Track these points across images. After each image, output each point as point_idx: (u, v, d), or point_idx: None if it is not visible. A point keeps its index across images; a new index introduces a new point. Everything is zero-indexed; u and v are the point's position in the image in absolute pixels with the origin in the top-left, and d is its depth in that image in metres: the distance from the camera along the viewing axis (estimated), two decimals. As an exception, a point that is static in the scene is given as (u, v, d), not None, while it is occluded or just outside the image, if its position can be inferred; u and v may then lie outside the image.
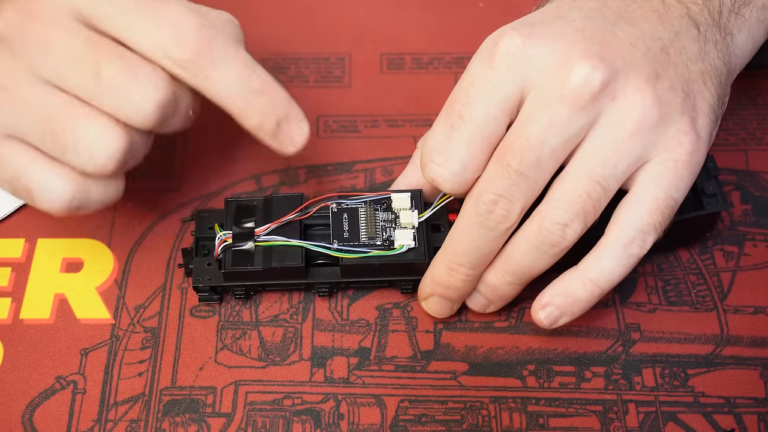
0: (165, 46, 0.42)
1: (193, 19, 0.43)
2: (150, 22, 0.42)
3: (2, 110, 0.43)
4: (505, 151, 0.43)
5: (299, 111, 0.46)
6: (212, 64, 0.43)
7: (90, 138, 0.42)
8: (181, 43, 0.42)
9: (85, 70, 0.42)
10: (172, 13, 0.43)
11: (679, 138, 0.43)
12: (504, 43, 0.43)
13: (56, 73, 0.43)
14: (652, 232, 0.44)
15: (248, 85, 0.44)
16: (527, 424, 0.47)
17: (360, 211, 0.49)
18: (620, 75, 0.43)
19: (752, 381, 0.48)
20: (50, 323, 0.50)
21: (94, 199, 0.45)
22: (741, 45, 0.47)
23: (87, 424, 0.47)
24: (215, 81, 0.43)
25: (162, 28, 0.42)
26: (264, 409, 0.47)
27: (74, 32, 0.42)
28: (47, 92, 0.43)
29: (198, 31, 0.43)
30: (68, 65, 0.42)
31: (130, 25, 0.43)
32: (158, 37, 0.42)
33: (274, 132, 0.46)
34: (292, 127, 0.46)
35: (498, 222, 0.44)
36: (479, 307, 0.48)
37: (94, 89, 0.42)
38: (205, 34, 0.43)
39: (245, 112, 0.44)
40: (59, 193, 0.44)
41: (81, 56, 0.42)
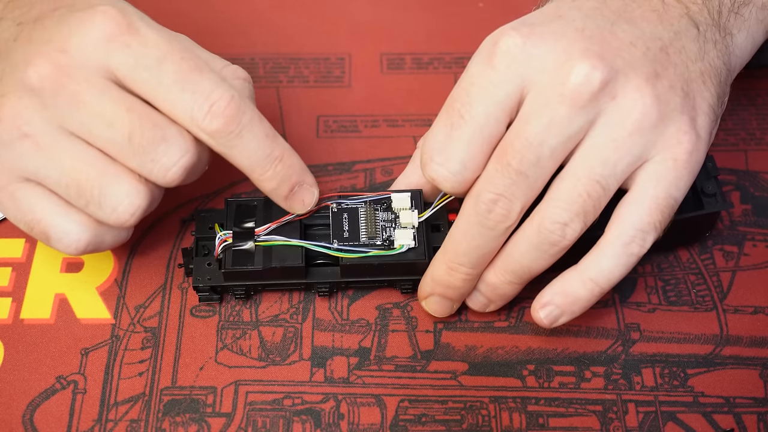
0: (196, 116, 0.44)
1: (226, 93, 0.44)
2: (184, 92, 0.44)
3: (27, 156, 0.44)
4: (505, 151, 0.43)
5: (312, 177, 0.48)
6: (239, 135, 0.44)
7: (116, 195, 0.44)
8: (212, 116, 0.44)
9: (117, 130, 0.43)
10: (207, 85, 0.44)
11: (678, 137, 0.43)
12: (504, 42, 0.43)
13: (86, 128, 0.44)
14: (652, 232, 0.44)
15: (269, 153, 0.45)
16: (527, 424, 0.47)
17: (360, 210, 0.50)
18: (620, 74, 0.43)
19: (752, 381, 0.48)
20: (50, 323, 0.50)
21: (107, 243, 0.47)
22: (740, 45, 0.48)
23: (87, 423, 0.47)
24: (240, 150, 0.45)
25: (195, 99, 0.43)
26: (264, 409, 0.47)
27: (106, 91, 0.43)
28: (76, 145, 0.44)
29: (229, 104, 0.44)
30: (99, 123, 0.43)
31: (165, 92, 0.44)
32: (191, 106, 0.44)
33: (287, 196, 0.47)
34: (304, 192, 0.48)
35: (498, 221, 0.44)
36: (479, 306, 0.48)
37: (124, 149, 0.44)
38: (234, 107, 0.44)
39: (263, 178, 0.46)
40: (76, 240, 0.45)
41: (113, 116, 0.43)
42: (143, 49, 0.44)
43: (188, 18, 0.62)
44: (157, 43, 0.44)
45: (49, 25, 0.44)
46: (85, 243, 0.45)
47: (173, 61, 0.44)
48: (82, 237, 0.45)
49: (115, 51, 0.43)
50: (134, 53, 0.43)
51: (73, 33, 0.44)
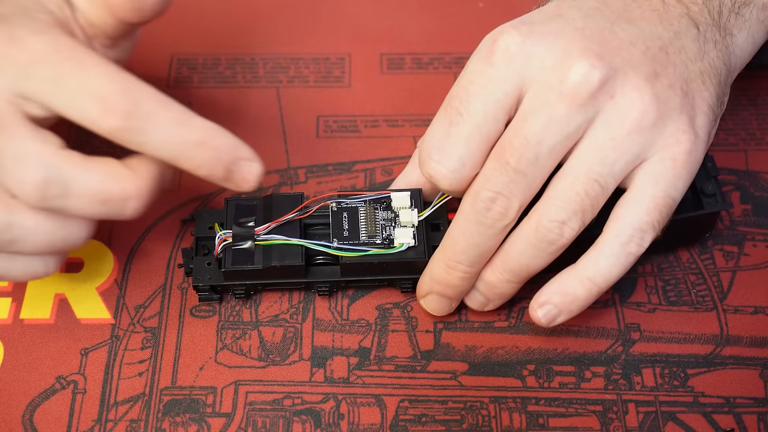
0: (92, 117, 0.41)
1: (115, 84, 0.41)
2: (73, 93, 0.41)
3: None
4: (503, 149, 0.43)
5: (247, 151, 0.44)
6: (143, 128, 0.41)
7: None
8: (106, 113, 0.41)
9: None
10: (95, 81, 0.41)
11: (677, 137, 0.43)
12: (503, 40, 0.44)
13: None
14: (651, 231, 0.44)
15: (186, 140, 0.42)
16: (527, 424, 0.47)
17: (360, 210, 0.50)
18: (619, 73, 0.43)
19: (752, 381, 0.48)
20: (50, 323, 0.50)
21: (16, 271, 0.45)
22: (741, 45, 0.48)
23: (87, 424, 0.47)
24: (152, 145, 0.42)
25: (86, 100, 0.41)
26: (264, 409, 0.47)
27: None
28: None
29: (122, 97, 0.41)
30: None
31: (58, 99, 0.41)
32: (85, 109, 0.41)
33: (225, 177, 0.44)
34: (242, 167, 0.44)
35: (496, 219, 0.44)
36: (478, 305, 0.48)
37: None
38: (129, 99, 0.41)
39: (192, 165, 0.43)
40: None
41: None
42: (26, 58, 0.41)
43: (188, 18, 0.62)
44: (41, 49, 0.42)
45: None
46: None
47: (55, 62, 0.41)
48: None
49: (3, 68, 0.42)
50: (18, 64, 0.41)
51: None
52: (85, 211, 0.42)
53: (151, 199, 0.43)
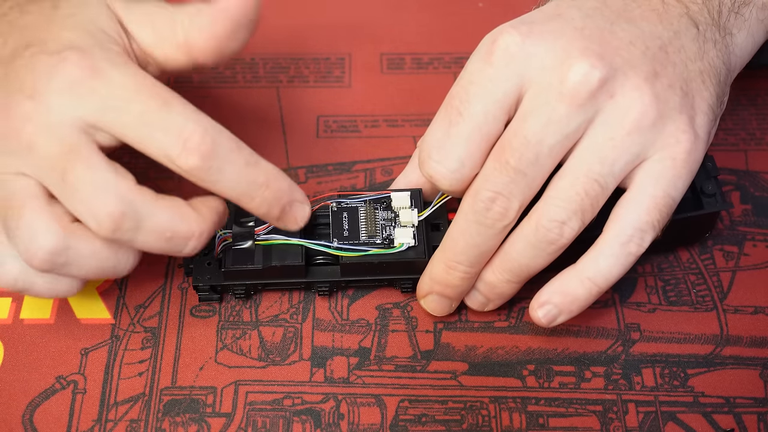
0: (170, 154, 0.42)
1: (198, 127, 0.42)
2: (155, 130, 0.42)
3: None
4: (503, 149, 0.43)
5: (302, 194, 0.47)
6: (218, 170, 0.43)
7: (27, 228, 0.42)
8: (187, 153, 0.42)
9: (56, 170, 0.42)
10: (178, 120, 0.42)
11: (677, 136, 0.43)
12: (503, 40, 0.44)
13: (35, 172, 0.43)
14: (651, 231, 0.44)
15: (253, 181, 0.44)
16: (527, 424, 0.47)
17: (360, 209, 0.50)
18: (619, 73, 0.43)
19: (752, 381, 0.48)
20: (50, 323, 0.50)
21: (39, 288, 0.45)
22: (740, 44, 0.48)
23: (87, 424, 0.47)
24: (222, 184, 0.44)
25: (168, 136, 0.42)
26: (264, 409, 0.47)
27: (60, 137, 0.42)
28: (19, 179, 0.43)
29: (203, 138, 0.42)
30: (44, 166, 0.42)
31: (135, 133, 0.43)
32: (164, 145, 0.42)
33: (279, 217, 0.46)
34: (295, 209, 0.47)
35: (496, 219, 0.44)
36: (478, 305, 0.48)
37: (59, 190, 0.43)
38: (209, 140, 0.42)
39: (252, 205, 0.45)
40: (6, 272, 0.44)
41: (56, 159, 0.42)
42: (108, 90, 0.43)
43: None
44: (123, 83, 0.43)
45: (21, 70, 0.44)
46: (12, 279, 0.44)
47: (140, 99, 0.43)
48: (10, 271, 0.44)
49: (80, 97, 0.42)
50: (99, 96, 0.42)
51: (40, 81, 0.43)
52: (149, 246, 0.44)
53: (208, 240, 0.45)
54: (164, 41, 0.47)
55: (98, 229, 0.42)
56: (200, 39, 0.46)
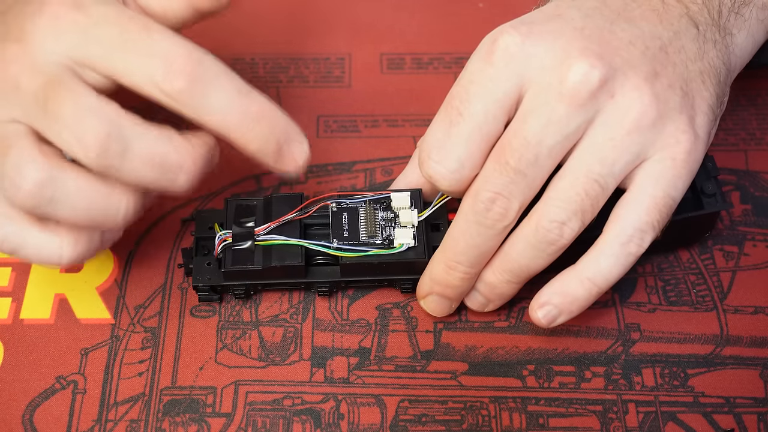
0: (155, 78, 0.41)
1: (182, 48, 0.42)
2: (139, 55, 0.42)
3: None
4: (503, 149, 0.43)
5: (298, 131, 0.45)
6: (205, 93, 0.42)
7: (13, 164, 0.42)
8: (171, 74, 0.41)
9: (38, 103, 0.42)
10: (161, 44, 0.42)
11: (677, 136, 0.43)
12: (503, 40, 0.44)
13: (21, 112, 0.42)
14: (651, 231, 0.44)
15: (245, 111, 0.42)
16: (527, 424, 0.47)
17: (360, 210, 0.50)
18: (618, 73, 0.43)
19: (752, 381, 0.48)
20: (50, 323, 0.50)
21: (29, 248, 0.44)
22: (741, 45, 0.48)
23: (87, 424, 0.47)
24: (210, 110, 0.42)
25: (151, 61, 0.41)
26: (264, 409, 0.47)
27: (44, 73, 0.42)
28: (8, 125, 0.43)
29: (187, 59, 0.41)
30: (28, 101, 0.42)
31: (120, 62, 0.42)
32: (148, 70, 0.41)
33: (275, 155, 0.44)
34: (293, 147, 0.45)
35: (496, 220, 0.44)
36: (478, 305, 0.48)
37: (43, 121, 0.42)
38: (194, 61, 0.41)
39: (245, 139, 0.43)
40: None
41: (38, 92, 0.42)
42: (88, 21, 0.42)
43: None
44: (105, 15, 0.42)
45: (10, 19, 0.44)
46: (2, 235, 0.44)
47: (119, 25, 0.42)
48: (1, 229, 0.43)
49: (63, 32, 0.42)
50: (81, 29, 0.42)
51: (26, 23, 0.43)
52: (138, 176, 0.42)
53: (199, 176, 0.43)
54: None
55: (84, 155, 0.41)
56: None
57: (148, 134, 0.42)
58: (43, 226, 0.44)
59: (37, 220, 0.44)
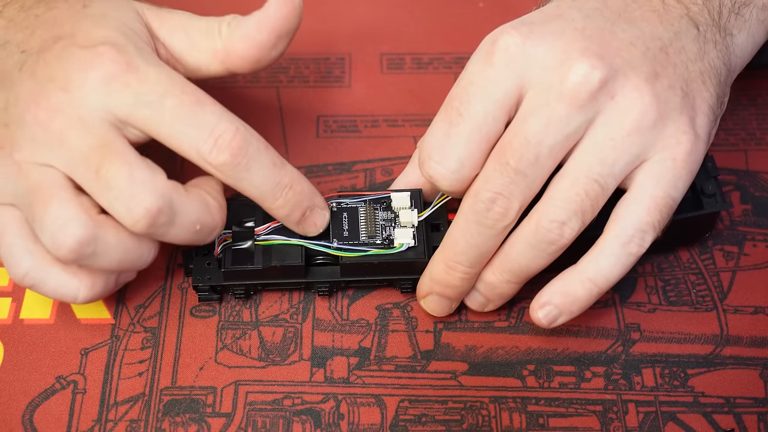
0: (202, 150, 0.43)
1: (230, 125, 0.44)
2: (188, 126, 0.43)
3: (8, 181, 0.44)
4: (503, 149, 0.43)
5: (322, 199, 0.48)
6: (246, 167, 0.44)
7: (55, 217, 0.42)
8: (219, 149, 0.43)
9: (89, 165, 0.43)
10: (211, 118, 0.43)
11: (677, 137, 0.43)
12: (503, 41, 0.44)
13: (65, 164, 0.43)
14: (651, 231, 0.44)
15: (279, 182, 0.45)
16: (527, 424, 0.47)
17: (360, 210, 0.50)
18: (619, 74, 0.43)
19: (752, 381, 0.48)
20: (50, 323, 0.50)
21: (48, 287, 0.45)
22: (741, 45, 0.48)
23: (87, 424, 0.47)
24: (249, 181, 0.45)
25: (200, 133, 0.43)
26: (264, 409, 0.47)
27: (93, 131, 0.43)
28: (47, 170, 0.43)
29: (234, 137, 0.43)
30: (75, 158, 0.43)
31: (168, 127, 0.43)
32: (195, 140, 0.43)
33: (299, 221, 0.47)
34: (316, 215, 0.48)
35: (496, 220, 0.44)
36: (478, 305, 0.48)
37: (92, 184, 0.43)
38: (240, 139, 0.44)
39: (274, 207, 0.46)
40: (17, 264, 0.44)
41: (88, 153, 0.43)
42: (143, 86, 0.43)
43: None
44: (157, 80, 0.43)
45: (52, 60, 0.44)
46: (23, 272, 0.44)
47: (174, 95, 0.43)
48: (22, 264, 0.44)
49: (115, 91, 0.43)
50: (134, 91, 0.43)
51: (74, 73, 0.43)
52: (178, 239, 0.45)
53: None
54: (199, 49, 0.48)
55: (133, 225, 0.43)
56: (241, 47, 0.47)
57: (190, 204, 0.44)
58: (64, 266, 0.45)
59: (59, 261, 0.44)
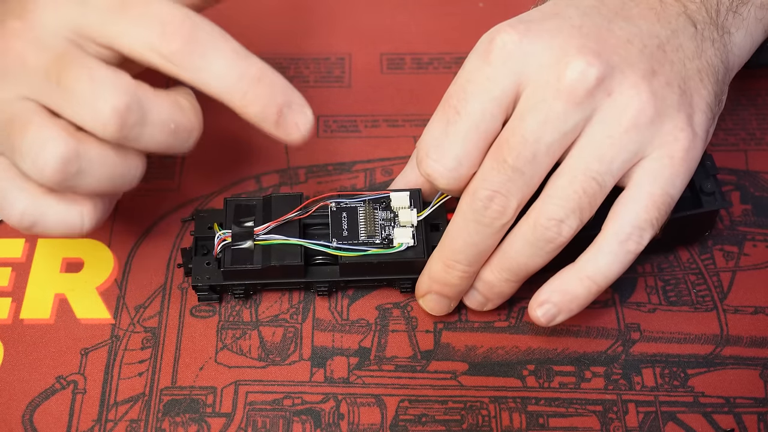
0: (152, 41, 0.42)
1: (177, 11, 0.42)
2: (136, 21, 0.42)
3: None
4: (501, 147, 0.43)
5: (300, 97, 0.44)
6: (203, 54, 0.42)
7: (34, 142, 0.41)
8: (168, 36, 0.42)
9: (50, 79, 0.42)
10: (157, 9, 0.42)
11: (675, 134, 0.43)
12: (500, 39, 0.44)
13: (31, 89, 0.43)
14: (649, 229, 0.44)
15: (244, 73, 0.42)
16: (527, 424, 0.47)
17: (359, 209, 0.50)
18: (616, 71, 0.43)
19: (752, 381, 0.48)
20: (50, 323, 0.50)
21: (50, 220, 0.44)
22: (739, 43, 0.48)
23: (87, 424, 0.47)
24: (208, 72, 0.42)
25: (148, 25, 0.42)
26: (264, 409, 0.47)
27: (50, 48, 0.42)
28: (18, 102, 0.43)
29: (183, 21, 0.42)
30: (38, 78, 0.42)
31: (118, 28, 0.42)
32: (145, 34, 0.42)
33: (277, 120, 0.44)
34: (295, 113, 0.44)
35: (494, 218, 0.44)
36: (477, 305, 0.48)
37: (57, 97, 0.42)
38: (190, 24, 0.42)
39: (244, 102, 0.43)
40: (11, 206, 0.44)
41: (48, 68, 0.42)
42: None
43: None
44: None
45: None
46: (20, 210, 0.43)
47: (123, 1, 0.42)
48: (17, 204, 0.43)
49: (66, 6, 0.43)
50: (84, 3, 0.42)
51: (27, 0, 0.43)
52: (155, 141, 0.43)
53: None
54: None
55: (104, 129, 0.41)
56: None
57: (162, 102, 0.42)
58: (60, 196, 0.44)
59: (54, 192, 0.44)
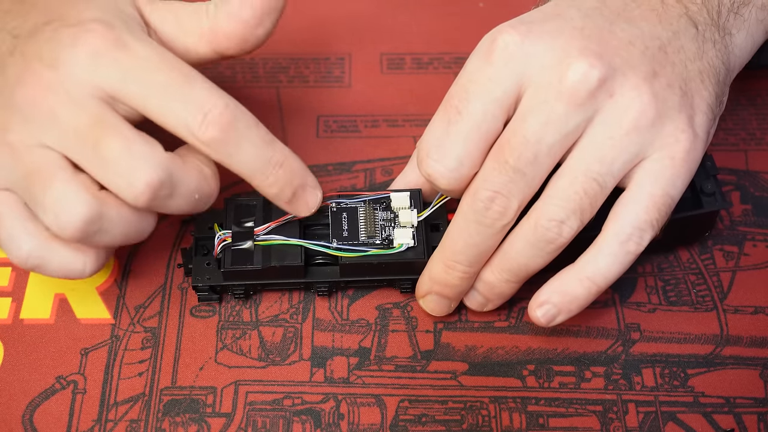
0: (191, 125, 0.43)
1: (219, 101, 0.43)
2: (176, 101, 0.43)
3: (2, 164, 0.44)
4: (502, 148, 0.43)
5: (314, 179, 0.47)
6: (236, 144, 0.44)
7: (58, 198, 0.42)
8: (207, 125, 0.43)
9: (85, 142, 0.43)
10: (200, 94, 0.43)
11: (676, 136, 0.43)
12: (502, 40, 0.44)
13: (60, 143, 0.43)
14: (649, 229, 0.44)
15: (269, 159, 0.45)
16: (527, 424, 0.47)
17: (359, 210, 0.50)
18: (618, 73, 0.43)
19: (752, 381, 0.48)
20: (50, 323, 0.50)
21: (53, 264, 0.45)
22: (740, 45, 0.48)
23: (87, 424, 0.47)
24: (238, 158, 0.44)
25: (189, 109, 0.43)
26: (264, 409, 0.47)
27: (85, 108, 0.43)
28: (40, 150, 0.43)
29: (223, 112, 0.43)
30: (68, 134, 0.43)
31: (156, 103, 0.43)
32: (185, 117, 0.43)
33: (290, 200, 0.47)
34: (307, 194, 0.47)
35: (495, 219, 0.44)
36: (477, 305, 0.48)
37: (89, 159, 0.43)
38: (229, 115, 0.43)
39: (265, 184, 0.45)
40: (18, 248, 0.44)
41: (84, 130, 0.43)
42: (132, 62, 0.43)
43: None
44: (147, 56, 0.43)
45: (42, 40, 0.44)
46: (26, 253, 0.44)
47: (163, 70, 0.43)
48: (23, 246, 0.44)
49: (104, 66, 0.43)
50: (122, 67, 0.43)
51: (63, 50, 0.43)
52: (178, 210, 0.45)
53: None
54: (187, 32, 0.47)
55: (135, 200, 0.43)
56: (226, 25, 0.47)
57: (191, 175, 0.44)
58: (66, 243, 0.45)
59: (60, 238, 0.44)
